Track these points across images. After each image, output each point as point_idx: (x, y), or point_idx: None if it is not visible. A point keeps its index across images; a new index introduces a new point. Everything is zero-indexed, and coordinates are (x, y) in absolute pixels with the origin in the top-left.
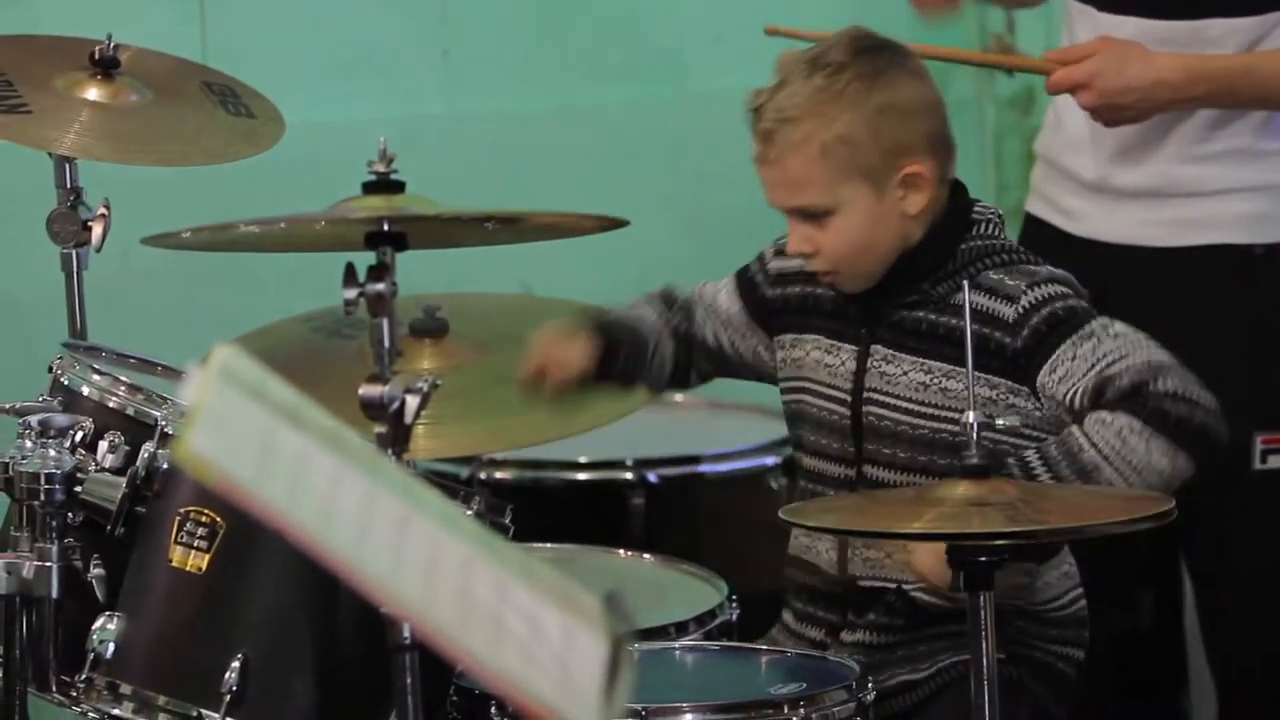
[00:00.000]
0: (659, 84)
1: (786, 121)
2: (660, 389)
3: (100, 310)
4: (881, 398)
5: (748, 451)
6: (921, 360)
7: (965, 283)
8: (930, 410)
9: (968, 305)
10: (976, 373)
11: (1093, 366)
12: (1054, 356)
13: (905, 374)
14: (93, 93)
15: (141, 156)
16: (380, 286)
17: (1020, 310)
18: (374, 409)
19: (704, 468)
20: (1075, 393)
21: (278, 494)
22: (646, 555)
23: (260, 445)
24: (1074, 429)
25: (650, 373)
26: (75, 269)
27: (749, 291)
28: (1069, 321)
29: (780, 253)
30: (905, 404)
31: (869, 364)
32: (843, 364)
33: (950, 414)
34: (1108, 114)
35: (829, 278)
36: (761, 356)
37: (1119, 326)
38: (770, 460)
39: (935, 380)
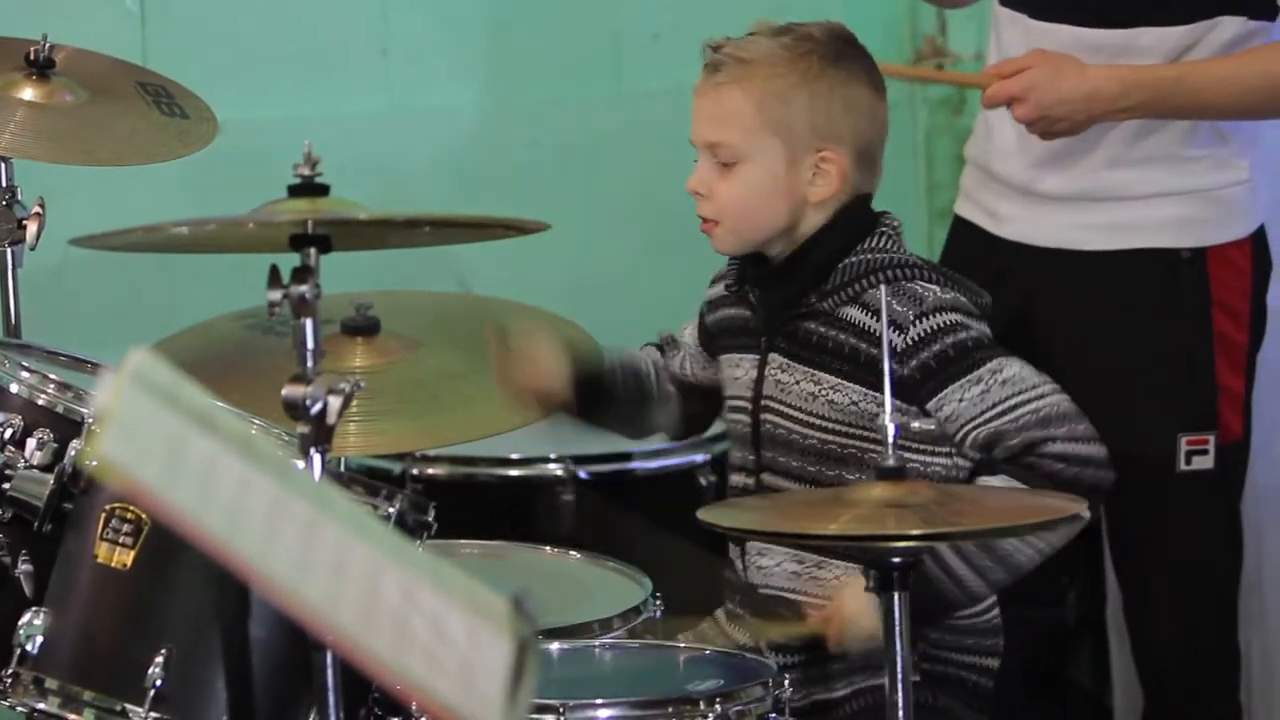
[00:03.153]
0: (596, 83)
1: (739, 61)
2: (674, 433)
3: (35, 307)
4: (777, 405)
5: (678, 449)
6: (811, 371)
7: (883, 287)
8: (816, 421)
9: (884, 310)
10: (859, 385)
11: (982, 414)
12: (942, 395)
13: (797, 383)
14: (28, 93)
15: (76, 156)
16: (304, 289)
17: (909, 341)
18: (296, 410)
19: (634, 464)
20: (964, 437)
21: (185, 498)
22: (573, 552)
23: (168, 450)
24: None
25: (647, 418)
26: (10, 266)
27: (700, 322)
28: (959, 362)
29: (714, 282)
30: (796, 413)
31: (766, 372)
32: (746, 374)
33: (837, 425)
34: (1043, 126)
35: (708, 225)
36: (716, 384)
37: (1009, 370)
38: (700, 458)
39: (823, 392)
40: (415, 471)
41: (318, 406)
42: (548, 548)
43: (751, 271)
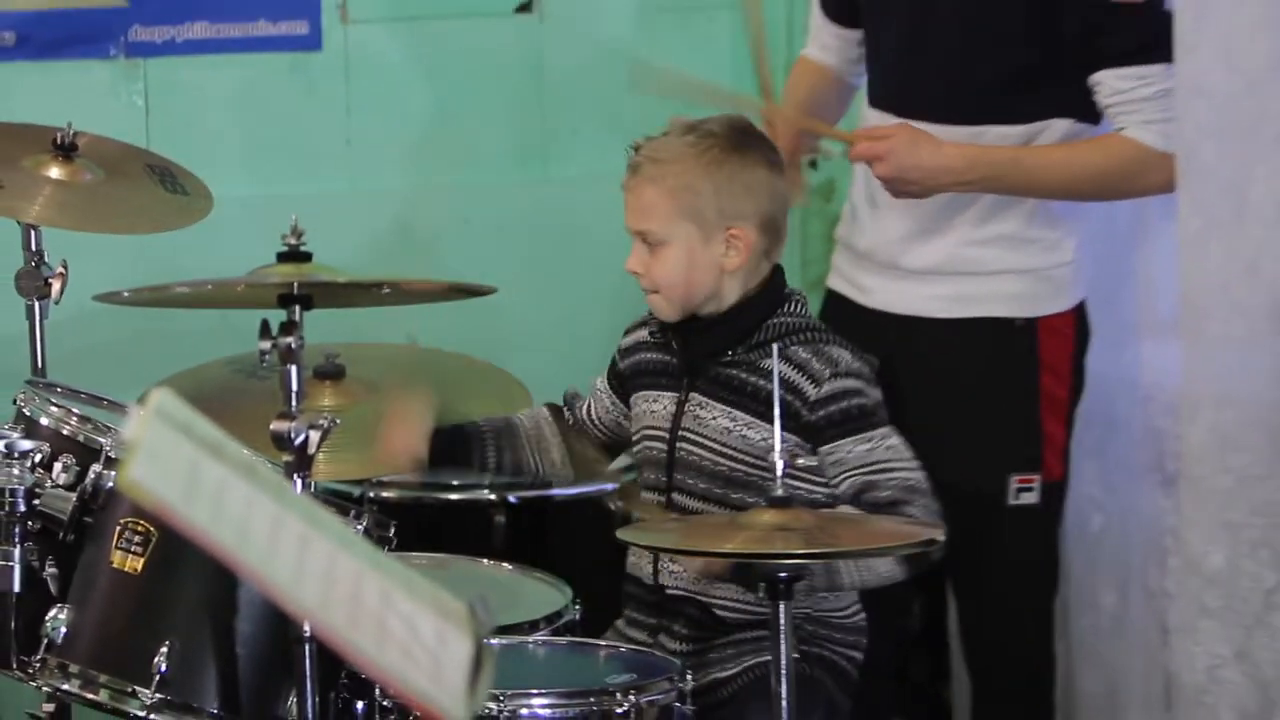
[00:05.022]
0: (527, 169)
1: (654, 161)
2: (556, 469)
3: (58, 352)
4: (692, 436)
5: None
6: (729, 410)
7: (775, 347)
8: (730, 451)
9: (776, 368)
10: (770, 424)
11: (862, 466)
12: (837, 443)
13: (714, 419)
14: (54, 171)
15: (95, 226)
16: (289, 340)
17: (821, 395)
18: (282, 441)
19: (554, 492)
20: (842, 480)
21: (202, 515)
22: (506, 564)
23: (188, 474)
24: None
25: (511, 458)
26: (38, 318)
27: (611, 370)
28: (858, 420)
29: (629, 331)
30: (711, 443)
31: (686, 408)
32: (665, 408)
33: (746, 457)
34: (898, 186)
35: (650, 296)
36: (621, 424)
37: (893, 439)
38: (609, 487)
39: (738, 428)
40: (372, 495)
41: (300, 439)
42: (484, 560)
43: (675, 324)
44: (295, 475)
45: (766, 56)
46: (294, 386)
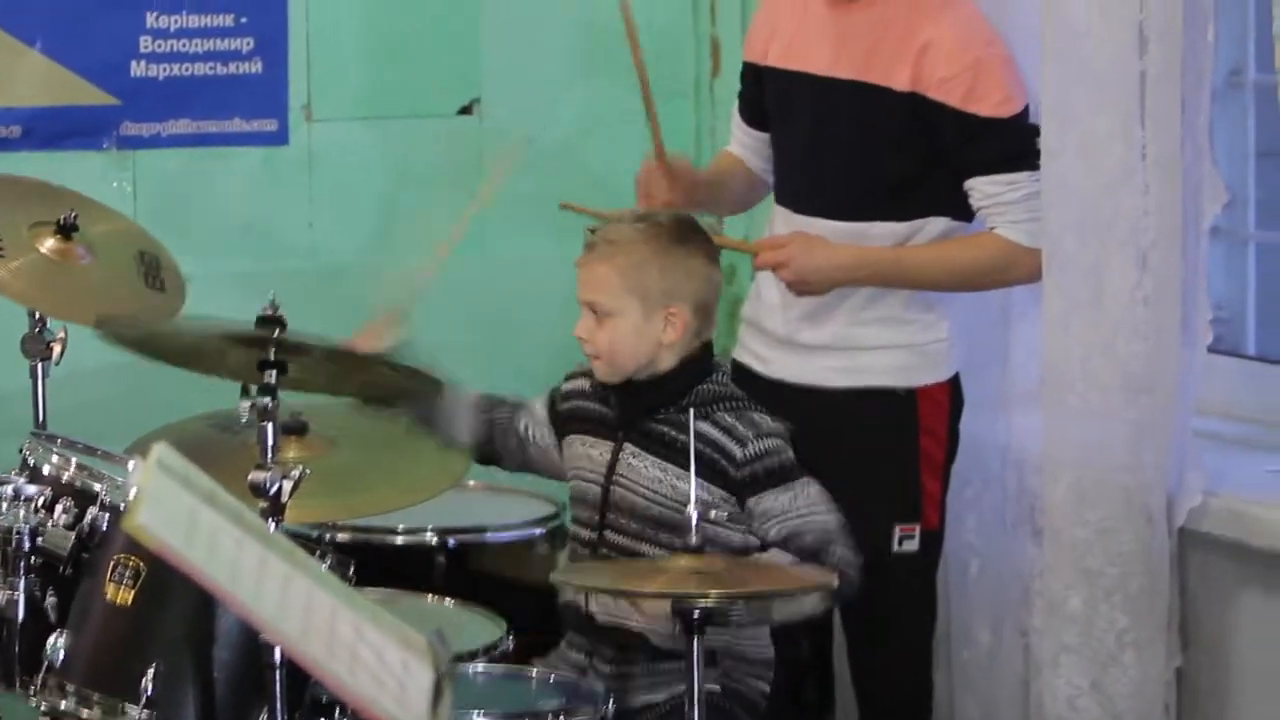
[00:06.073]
0: (469, 249)
1: (609, 242)
2: (455, 444)
3: (56, 407)
4: (626, 482)
5: (521, 524)
6: (659, 461)
7: (691, 411)
8: (660, 497)
9: (692, 431)
10: (701, 479)
11: (786, 513)
12: (762, 494)
13: (646, 468)
14: (49, 243)
15: (74, 316)
16: (266, 400)
17: (746, 455)
18: (259, 489)
19: (489, 535)
20: (771, 528)
21: (199, 556)
22: (447, 599)
23: (187, 519)
24: (761, 557)
25: (441, 417)
26: (40, 376)
27: (551, 404)
28: (779, 475)
29: (568, 379)
30: (642, 489)
31: (620, 456)
32: (601, 454)
33: (674, 503)
34: (799, 286)
35: (594, 360)
36: (552, 456)
37: (813, 489)
38: (538, 531)
39: (668, 478)
40: (329, 537)
41: (275, 487)
42: (428, 596)
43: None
44: (270, 519)
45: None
46: (270, 441)
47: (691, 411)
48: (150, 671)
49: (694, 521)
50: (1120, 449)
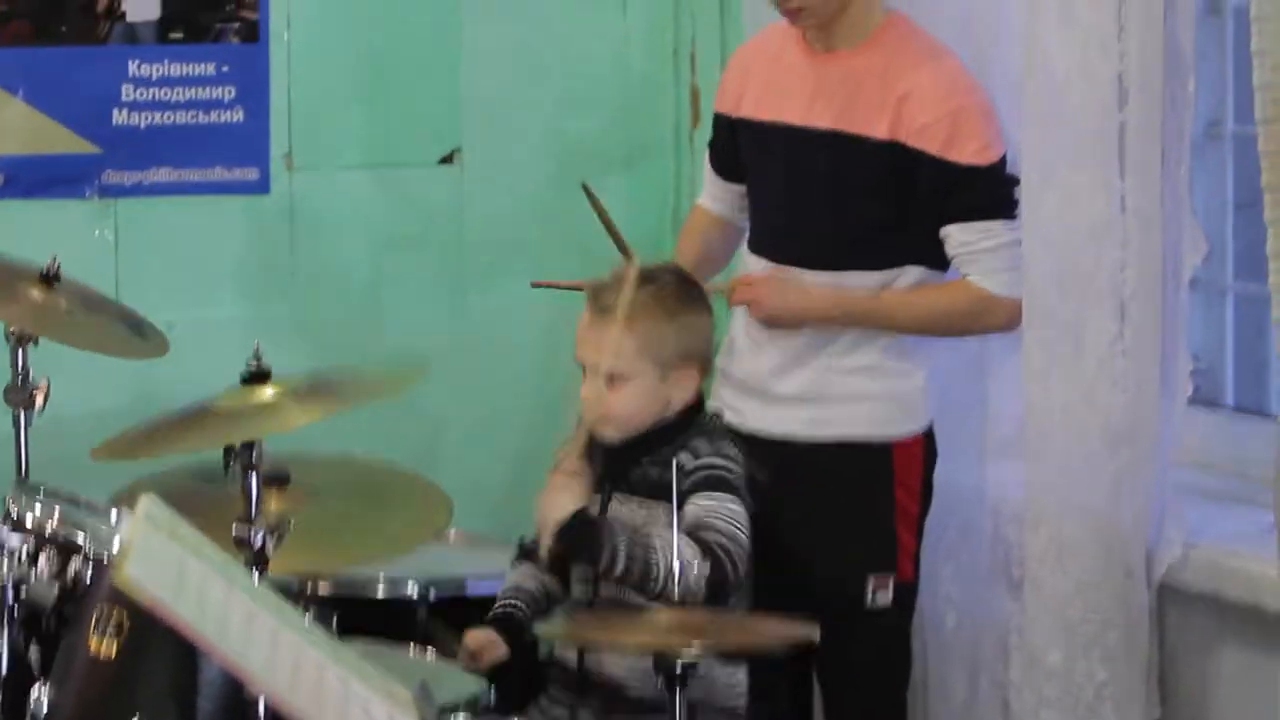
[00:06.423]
0: (451, 298)
1: (620, 305)
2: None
3: (38, 455)
4: None
5: (500, 575)
6: (645, 500)
7: (675, 460)
8: (649, 542)
9: (675, 487)
10: (665, 502)
11: (704, 508)
12: (693, 496)
13: (633, 513)
14: (36, 293)
15: (69, 340)
16: (250, 455)
17: (694, 465)
18: (243, 542)
19: (469, 588)
20: (688, 511)
21: (188, 610)
22: (429, 651)
23: (176, 572)
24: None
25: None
26: (23, 426)
27: (524, 554)
28: (715, 483)
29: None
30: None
31: (608, 508)
32: (591, 510)
33: (665, 547)
34: (771, 323)
35: (600, 423)
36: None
37: (737, 507)
38: None
39: (654, 516)
40: (309, 589)
41: (259, 540)
42: (410, 648)
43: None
44: (254, 572)
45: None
46: (254, 495)
47: (674, 462)
48: None
49: (677, 574)
50: (1100, 501)
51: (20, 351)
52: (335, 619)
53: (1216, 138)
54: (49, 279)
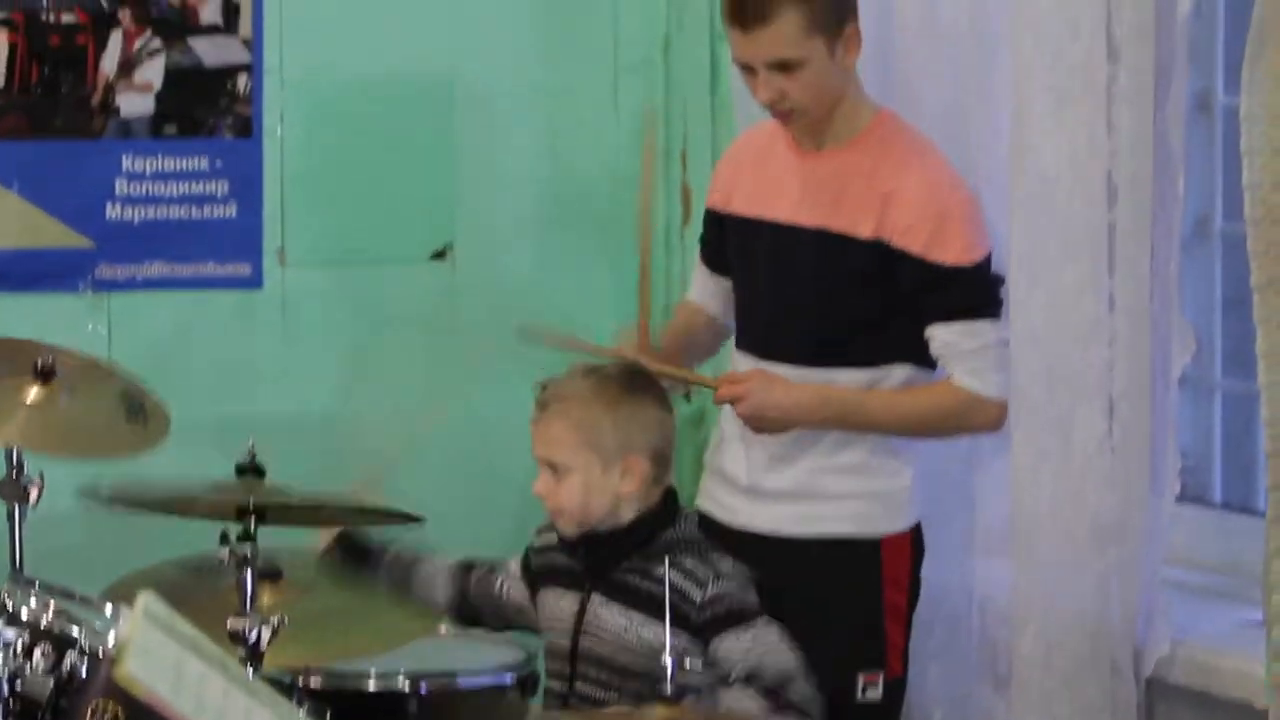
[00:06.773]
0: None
1: (560, 399)
2: (436, 608)
3: (32, 550)
4: (594, 632)
5: (491, 669)
6: (625, 609)
7: (666, 559)
8: (625, 647)
9: (668, 580)
10: (644, 615)
11: (747, 652)
12: (722, 635)
13: (613, 617)
14: (32, 393)
15: (62, 450)
16: (245, 548)
17: (706, 598)
18: (237, 637)
19: (460, 681)
20: (731, 671)
21: (187, 706)
22: None
23: (174, 668)
24: (727, 692)
25: (416, 584)
26: (17, 520)
27: (526, 561)
28: (738, 615)
29: (540, 533)
30: (609, 638)
31: (588, 606)
32: (570, 605)
33: (640, 652)
34: (756, 423)
35: (555, 516)
36: (528, 611)
37: (773, 630)
38: (508, 677)
39: (634, 626)
40: (301, 682)
41: (254, 635)
42: None
43: (579, 535)
44: (249, 667)
45: (649, 309)
46: (249, 589)
47: (667, 560)
48: None
49: (670, 671)
50: (1088, 598)
51: (14, 447)
52: (329, 714)
53: (1205, 235)
54: (44, 374)
